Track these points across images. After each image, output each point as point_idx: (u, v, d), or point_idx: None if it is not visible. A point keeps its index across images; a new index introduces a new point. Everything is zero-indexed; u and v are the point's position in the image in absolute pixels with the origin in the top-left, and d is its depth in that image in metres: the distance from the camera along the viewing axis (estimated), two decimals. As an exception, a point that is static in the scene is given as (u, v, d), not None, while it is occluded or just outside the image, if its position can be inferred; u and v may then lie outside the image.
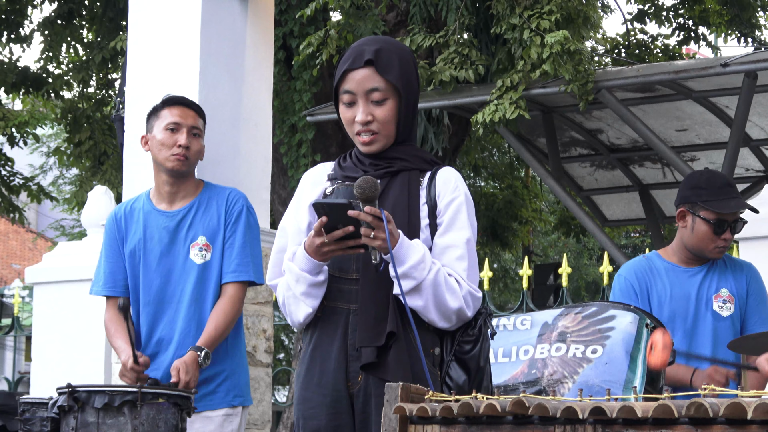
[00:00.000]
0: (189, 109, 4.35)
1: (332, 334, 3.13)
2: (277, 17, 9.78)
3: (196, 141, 4.31)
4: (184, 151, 4.26)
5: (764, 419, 2.16)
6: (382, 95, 3.15)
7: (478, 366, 3.13)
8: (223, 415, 4.23)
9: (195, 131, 4.32)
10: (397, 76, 3.15)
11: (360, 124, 3.16)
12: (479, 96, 9.06)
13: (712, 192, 4.30)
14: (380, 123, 3.16)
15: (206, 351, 4.07)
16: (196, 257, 4.25)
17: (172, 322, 4.25)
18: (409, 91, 3.19)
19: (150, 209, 4.34)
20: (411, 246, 3.03)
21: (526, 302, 7.47)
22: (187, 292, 4.23)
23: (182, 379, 3.97)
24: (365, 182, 2.95)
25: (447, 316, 3.10)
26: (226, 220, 4.30)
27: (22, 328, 9.43)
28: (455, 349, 3.13)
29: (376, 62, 3.14)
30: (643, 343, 3.67)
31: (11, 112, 13.11)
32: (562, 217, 14.35)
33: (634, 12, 12.98)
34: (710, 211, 4.28)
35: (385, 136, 3.18)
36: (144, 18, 5.98)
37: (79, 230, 19.91)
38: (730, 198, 4.30)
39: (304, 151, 10.57)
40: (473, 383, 3.10)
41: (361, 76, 3.15)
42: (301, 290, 3.12)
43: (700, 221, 4.29)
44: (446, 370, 3.12)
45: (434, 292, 3.05)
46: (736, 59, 8.18)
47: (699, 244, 4.32)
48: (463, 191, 3.19)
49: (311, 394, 3.15)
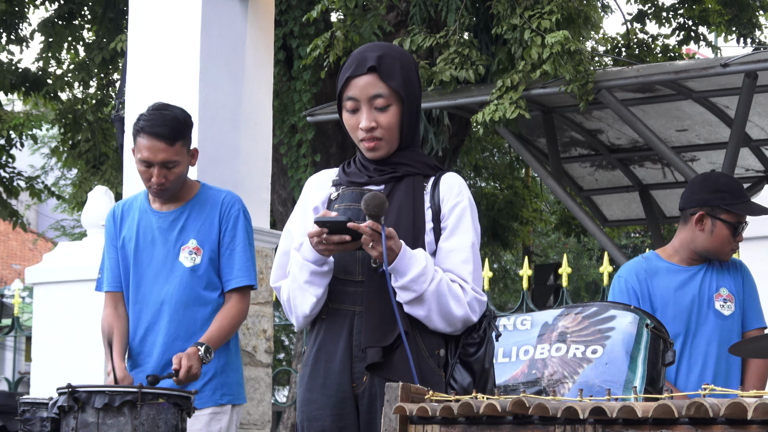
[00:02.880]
0: (159, 141, 4.12)
1: (337, 335, 3.14)
2: (277, 17, 9.77)
3: (171, 172, 4.17)
4: (159, 187, 4.19)
5: (764, 419, 2.16)
6: (386, 101, 3.17)
7: (482, 368, 3.14)
8: (210, 414, 4.22)
9: (169, 165, 4.16)
10: (399, 83, 3.17)
11: (364, 130, 3.18)
12: (479, 96, 9.05)
13: (734, 196, 4.35)
14: (384, 129, 3.17)
15: (207, 346, 4.06)
16: (186, 260, 4.24)
17: (157, 323, 4.23)
18: (411, 97, 3.20)
19: (145, 208, 4.33)
20: (412, 258, 3.05)
21: (526, 302, 7.47)
22: (174, 294, 4.22)
23: (183, 365, 3.94)
24: (372, 199, 2.97)
25: (452, 324, 3.12)
26: (221, 226, 4.27)
27: (22, 329, 9.44)
28: (459, 351, 3.14)
29: (379, 69, 3.16)
30: (644, 343, 3.67)
31: (8, 114, 13.10)
32: (562, 217, 14.35)
33: (634, 12, 12.98)
34: (733, 213, 4.31)
35: (388, 142, 3.19)
36: (144, 18, 5.99)
37: (79, 230, 19.90)
38: (750, 201, 4.37)
39: (304, 151, 10.57)
40: (478, 385, 3.11)
41: (365, 82, 3.17)
42: (305, 278, 3.12)
43: (721, 224, 4.33)
44: (451, 372, 3.13)
45: (438, 302, 3.07)
46: (736, 59, 8.18)
47: (717, 247, 4.35)
48: (466, 196, 3.21)
49: (316, 396, 3.15)
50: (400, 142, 3.22)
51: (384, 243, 2.97)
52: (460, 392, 3.05)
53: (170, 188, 4.22)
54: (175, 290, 4.22)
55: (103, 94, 13.19)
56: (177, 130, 4.16)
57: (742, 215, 4.34)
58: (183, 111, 4.25)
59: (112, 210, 4.42)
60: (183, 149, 4.19)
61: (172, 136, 4.14)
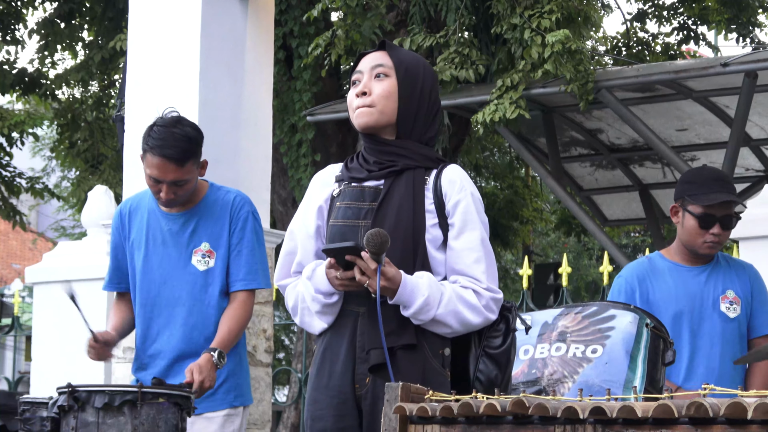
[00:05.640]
0: (169, 162, 4.05)
1: (341, 336, 3.14)
2: (277, 17, 9.77)
3: (181, 188, 4.14)
4: (168, 201, 4.17)
5: (764, 419, 2.16)
6: (385, 71, 3.19)
7: (508, 360, 3.15)
8: (225, 416, 4.22)
9: (179, 183, 4.11)
10: (400, 61, 3.20)
11: (357, 95, 3.19)
12: (479, 96, 9.06)
13: (698, 185, 4.27)
14: (377, 96, 3.17)
15: (220, 351, 4.04)
16: (199, 264, 4.21)
17: (168, 326, 4.21)
18: (410, 80, 3.19)
19: (154, 208, 4.28)
20: (414, 289, 3.04)
21: (526, 302, 7.47)
22: (187, 298, 4.20)
23: (196, 379, 3.92)
24: (375, 236, 2.96)
25: (472, 328, 3.14)
26: (231, 226, 4.24)
27: (22, 328, 9.44)
28: (483, 344, 3.15)
29: (388, 45, 3.24)
30: (644, 342, 3.67)
31: (8, 112, 13.08)
32: (563, 217, 14.35)
33: (633, 11, 12.98)
34: (696, 204, 4.25)
35: (380, 111, 3.18)
36: (144, 18, 5.99)
37: (79, 231, 19.90)
38: (715, 192, 4.26)
39: (304, 151, 10.57)
40: (504, 377, 3.13)
41: (371, 56, 3.23)
42: (316, 309, 3.17)
43: (688, 215, 4.27)
44: (476, 366, 3.14)
45: (455, 318, 3.09)
46: (736, 59, 8.19)
47: (688, 239, 4.30)
48: (469, 190, 3.18)
49: (320, 396, 3.16)
50: (398, 126, 3.20)
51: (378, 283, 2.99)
52: (486, 384, 3.08)
53: (179, 201, 4.21)
54: (188, 293, 4.20)
55: (102, 94, 13.19)
56: (187, 150, 4.08)
57: (709, 207, 4.25)
58: (194, 127, 4.18)
59: (118, 210, 4.38)
60: (193, 167, 4.14)
61: (182, 157, 4.07)
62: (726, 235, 4.30)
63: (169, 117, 4.16)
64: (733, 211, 4.29)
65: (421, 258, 3.12)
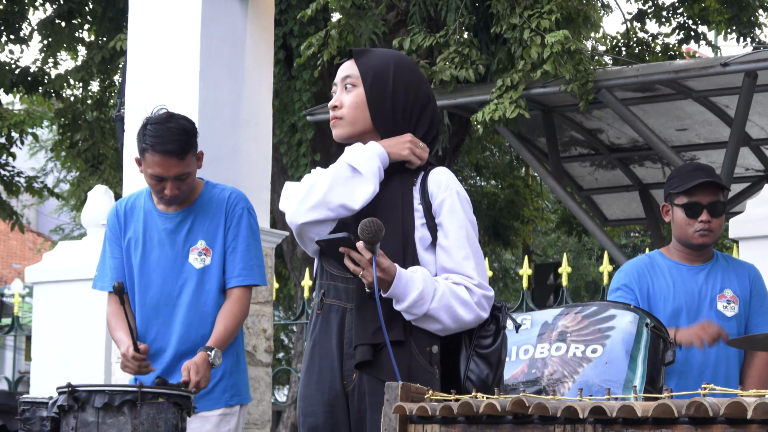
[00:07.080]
0: (171, 158, 4.08)
1: (329, 332, 3.15)
2: (277, 17, 9.78)
3: (184, 183, 4.16)
4: (172, 198, 4.18)
5: (764, 419, 2.16)
6: (353, 81, 3.22)
7: (499, 359, 3.15)
8: (220, 415, 4.22)
9: (182, 177, 4.13)
10: (367, 68, 3.20)
11: (330, 108, 3.25)
12: (479, 95, 9.06)
13: (680, 178, 4.33)
14: (346, 108, 3.21)
15: (216, 350, 4.04)
16: (196, 261, 4.22)
17: (167, 325, 4.21)
18: (377, 86, 3.19)
19: (150, 208, 4.29)
20: (409, 283, 3.04)
21: (526, 302, 7.46)
22: (185, 296, 4.20)
23: (192, 380, 3.93)
24: (369, 225, 2.96)
25: (466, 327, 3.13)
26: (226, 223, 4.25)
27: (22, 328, 9.43)
28: (474, 344, 3.15)
29: (355, 54, 3.25)
30: (643, 342, 3.68)
31: (8, 111, 13.08)
32: (563, 216, 14.34)
33: (633, 11, 12.99)
34: (680, 195, 4.29)
35: (349, 122, 3.21)
36: (144, 18, 5.98)
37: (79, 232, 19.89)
38: (694, 178, 4.28)
39: (304, 150, 10.57)
40: (496, 377, 3.13)
41: (342, 67, 3.26)
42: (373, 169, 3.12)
43: (676, 209, 4.32)
44: (467, 365, 3.14)
45: (447, 314, 3.08)
46: (736, 59, 8.19)
47: (681, 233, 4.32)
48: (454, 189, 3.19)
49: (311, 392, 3.17)
50: (380, 131, 3.20)
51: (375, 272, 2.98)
52: (478, 384, 3.08)
53: (182, 196, 4.21)
54: (186, 292, 4.21)
55: (102, 94, 13.19)
56: (186, 143, 4.11)
57: (692, 194, 4.25)
58: (187, 120, 4.20)
59: (114, 209, 4.37)
60: (192, 158, 4.16)
61: (182, 150, 4.10)
62: (717, 222, 4.31)
63: (160, 114, 4.18)
64: (720, 198, 4.30)
65: (411, 257, 3.13)
